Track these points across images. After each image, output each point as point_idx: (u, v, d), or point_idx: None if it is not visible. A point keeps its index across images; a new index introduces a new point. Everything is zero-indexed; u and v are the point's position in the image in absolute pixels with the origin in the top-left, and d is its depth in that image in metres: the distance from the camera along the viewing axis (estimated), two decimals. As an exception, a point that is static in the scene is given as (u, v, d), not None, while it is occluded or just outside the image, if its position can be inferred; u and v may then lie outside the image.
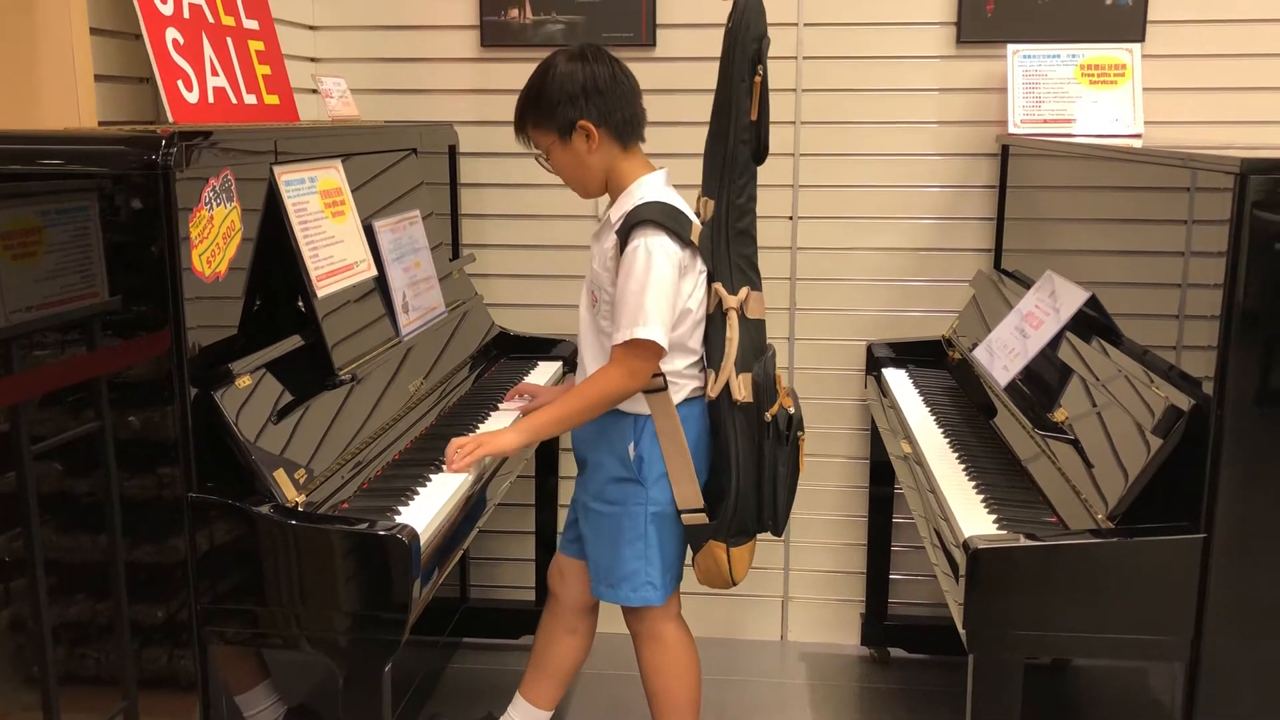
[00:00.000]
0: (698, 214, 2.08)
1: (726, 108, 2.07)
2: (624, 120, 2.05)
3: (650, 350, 1.98)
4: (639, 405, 2.06)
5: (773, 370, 2.09)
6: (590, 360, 2.11)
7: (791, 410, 2.10)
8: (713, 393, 2.05)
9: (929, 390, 2.57)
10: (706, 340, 2.09)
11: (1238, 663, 1.64)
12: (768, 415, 2.06)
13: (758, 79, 2.05)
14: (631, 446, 2.07)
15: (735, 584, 2.15)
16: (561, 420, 2.04)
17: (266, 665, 1.94)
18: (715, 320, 2.07)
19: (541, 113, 2.03)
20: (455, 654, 2.99)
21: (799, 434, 2.11)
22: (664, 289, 1.97)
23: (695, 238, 2.03)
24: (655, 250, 1.96)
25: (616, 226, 2.02)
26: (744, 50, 2.04)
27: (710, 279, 2.07)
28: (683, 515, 2.09)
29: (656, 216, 1.98)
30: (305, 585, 1.63)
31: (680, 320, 2.04)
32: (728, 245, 2.07)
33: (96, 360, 1.59)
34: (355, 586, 1.63)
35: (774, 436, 2.06)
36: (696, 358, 2.09)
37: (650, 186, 2.05)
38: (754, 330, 2.08)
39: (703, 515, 2.08)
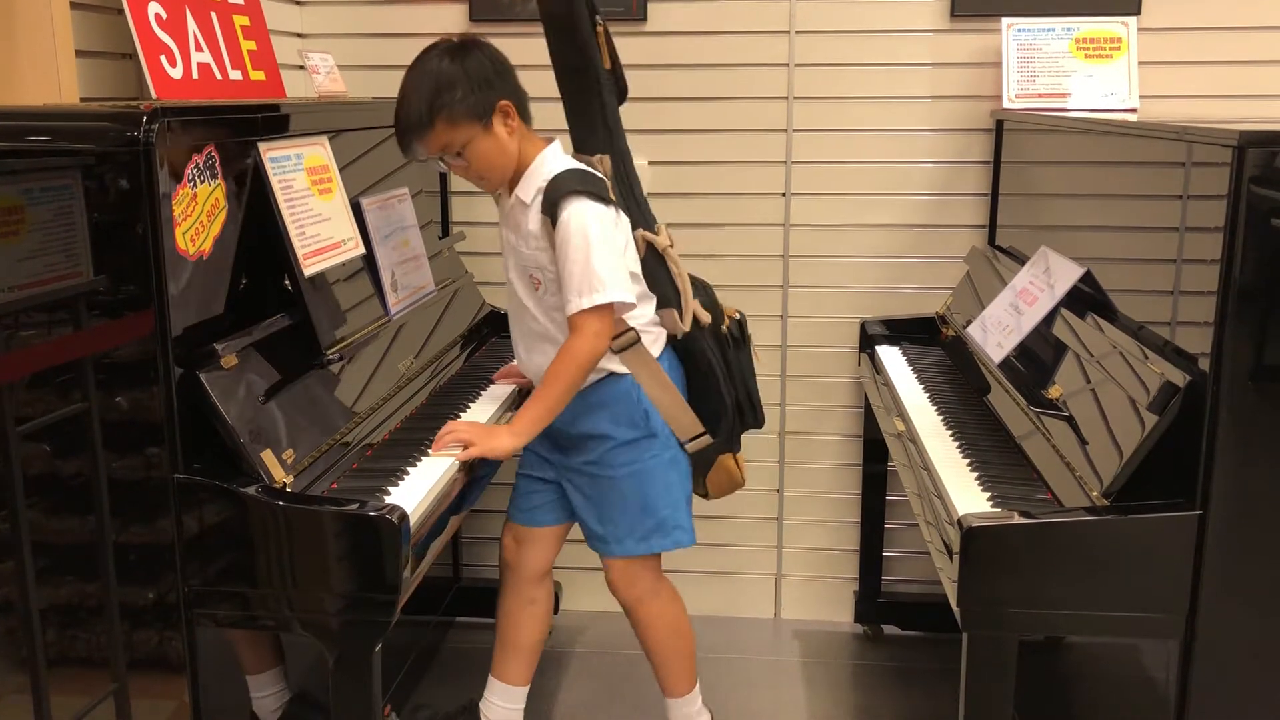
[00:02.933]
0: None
1: (585, 67, 2.11)
2: (524, 97, 2.08)
3: (609, 310, 2.00)
4: (619, 365, 2.09)
5: (711, 291, 2.24)
6: (540, 345, 2.11)
7: (738, 317, 2.26)
8: (686, 326, 2.13)
9: (923, 368, 2.55)
10: (651, 284, 2.15)
11: (1233, 640, 1.64)
12: (724, 329, 2.21)
13: (600, 28, 2.11)
14: (638, 404, 2.11)
15: (743, 484, 2.32)
16: (551, 409, 2.04)
17: (282, 652, 1.94)
18: (649, 263, 2.13)
19: (457, 104, 1.96)
20: (448, 633, 2.98)
21: (749, 334, 2.30)
22: (610, 248, 1.99)
23: (611, 195, 2.07)
24: (588, 215, 1.98)
25: (536, 204, 2.02)
26: (588, 6, 2.10)
27: (632, 227, 2.11)
28: (688, 445, 2.16)
29: (578, 185, 2.00)
30: (293, 566, 1.62)
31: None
32: (633, 191, 2.14)
33: (80, 341, 1.57)
34: (344, 568, 1.61)
35: (733, 344, 2.23)
36: (653, 302, 2.15)
37: (554, 159, 2.07)
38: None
39: (706, 437, 2.18)
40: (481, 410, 2.21)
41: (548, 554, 2.28)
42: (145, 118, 1.52)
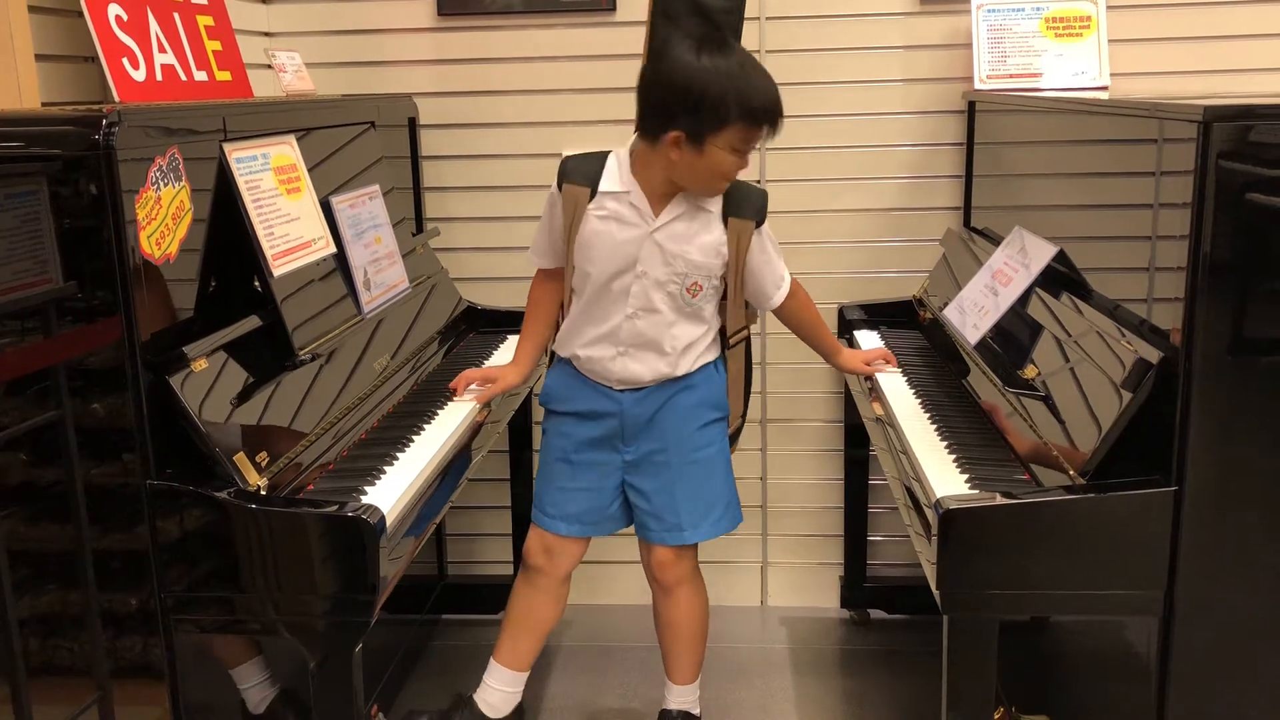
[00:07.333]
0: None
1: None
2: None
3: None
4: (717, 352, 2.19)
5: None
6: (642, 354, 2.10)
7: None
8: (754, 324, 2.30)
9: (901, 351, 2.55)
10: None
11: (1211, 614, 1.64)
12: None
13: None
14: (723, 388, 2.22)
15: None
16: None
17: (258, 642, 1.92)
18: None
19: None
20: (435, 630, 2.98)
21: None
22: None
23: None
24: None
25: (717, 210, 2.06)
26: None
27: None
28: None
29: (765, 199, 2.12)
30: (269, 570, 1.61)
31: None
32: None
33: (49, 348, 1.55)
34: (321, 569, 1.60)
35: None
36: None
37: None
38: None
39: (740, 420, 2.33)
40: (460, 408, 2.20)
41: (579, 556, 2.26)
42: (105, 120, 1.50)
